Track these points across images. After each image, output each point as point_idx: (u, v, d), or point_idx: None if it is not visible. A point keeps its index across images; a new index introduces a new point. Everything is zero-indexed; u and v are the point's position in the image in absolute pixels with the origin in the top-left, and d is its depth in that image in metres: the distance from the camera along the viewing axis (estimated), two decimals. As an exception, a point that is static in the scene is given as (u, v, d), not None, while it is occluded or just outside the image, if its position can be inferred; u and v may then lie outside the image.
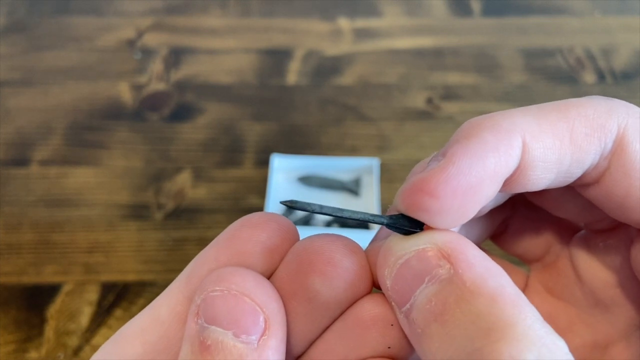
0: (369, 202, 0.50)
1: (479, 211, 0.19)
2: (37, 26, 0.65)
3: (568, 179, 0.17)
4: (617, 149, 0.16)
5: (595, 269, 0.20)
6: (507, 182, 0.16)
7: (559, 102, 0.17)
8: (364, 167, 0.51)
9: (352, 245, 0.17)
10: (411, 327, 0.15)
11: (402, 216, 0.16)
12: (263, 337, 0.15)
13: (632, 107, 0.17)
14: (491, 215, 0.21)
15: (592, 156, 0.16)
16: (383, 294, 0.17)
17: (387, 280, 0.16)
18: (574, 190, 0.18)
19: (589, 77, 0.61)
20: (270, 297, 0.16)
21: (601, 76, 0.61)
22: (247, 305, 0.15)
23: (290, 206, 0.16)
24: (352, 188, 0.51)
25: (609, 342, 0.20)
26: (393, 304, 0.16)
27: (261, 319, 0.15)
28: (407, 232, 0.16)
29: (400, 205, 0.16)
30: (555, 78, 0.61)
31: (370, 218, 0.17)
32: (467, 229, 0.21)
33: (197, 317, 0.15)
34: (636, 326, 0.19)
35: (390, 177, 0.52)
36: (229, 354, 0.15)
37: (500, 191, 0.17)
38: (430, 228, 0.16)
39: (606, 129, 0.16)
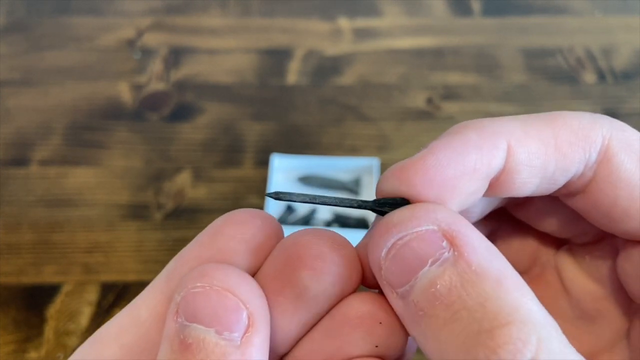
0: (369, 202, 0.50)
1: (466, 218, 0.20)
2: (37, 26, 0.65)
3: (553, 186, 0.17)
4: (603, 160, 0.17)
5: (582, 281, 0.20)
6: (493, 185, 0.17)
7: (545, 113, 0.17)
8: (364, 167, 0.51)
9: (341, 239, 0.17)
10: (409, 309, 0.15)
11: (389, 199, 0.16)
12: (246, 335, 0.15)
13: (616, 121, 0.17)
14: (477, 226, 0.21)
15: (576, 165, 0.17)
16: (371, 293, 0.17)
17: (383, 261, 0.15)
18: (557, 204, 0.19)
19: (589, 77, 0.61)
20: (254, 293, 0.15)
21: (601, 76, 0.61)
22: (229, 301, 0.15)
23: (275, 198, 0.16)
24: (352, 188, 0.51)
25: (594, 353, 0.20)
26: (386, 283, 0.16)
27: (244, 315, 0.15)
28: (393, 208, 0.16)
29: (379, 192, 0.17)
30: (556, 78, 0.61)
31: (355, 203, 0.17)
32: None
33: (177, 316, 0.15)
34: (620, 337, 0.20)
35: (390, 177, 0.52)
36: (211, 353, 0.14)
37: (487, 195, 0.17)
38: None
39: (590, 140, 0.17)
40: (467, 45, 0.64)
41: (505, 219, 0.22)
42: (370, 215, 0.49)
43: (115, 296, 0.45)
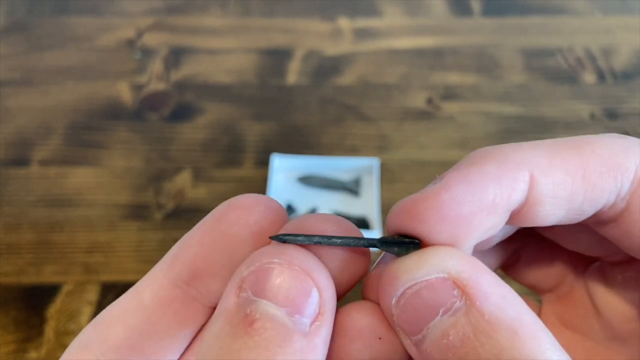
0: (368, 202, 0.50)
1: (487, 242, 0.18)
2: (36, 26, 0.65)
3: (580, 217, 0.16)
4: (637, 189, 0.15)
5: (613, 302, 0.19)
6: (514, 216, 0.16)
7: (573, 138, 0.16)
8: (364, 167, 0.51)
9: (347, 224, 0.16)
10: (423, 357, 0.14)
11: (397, 237, 0.16)
12: (315, 323, 0.14)
13: None
14: (501, 246, 0.21)
15: (606, 195, 0.16)
16: (372, 303, 0.16)
17: (394, 309, 0.15)
18: (587, 225, 0.18)
19: (589, 77, 0.61)
20: (329, 283, 0.15)
21: (601, 76, 0.61)
22: (307, 284, 0.14)
23: (281, 241, 0.15)
24: (352, 188, 0.51)
25: None
26: (399, 330, 0.15)
27: (317, 302, 0.14)
28: (402, 251, 0.15)
29: (389, 226, 0.16)
30: (556, 78, 0.61)
31: (362, 242, 0.16)
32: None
33: (241, 290, 0.14)
34: None
35: (390, 177, 0.52)
36: (277, 334, 0.13)
37: (508, 224, 0.16)
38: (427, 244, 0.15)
39: (623, 168, 0.15)
40: (467, 45, 0.64)
41: (531, 236, 0.21)
42: (372, 217, 0.49)
43: (115, 296, 0.44)
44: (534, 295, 0.23)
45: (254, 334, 0.13)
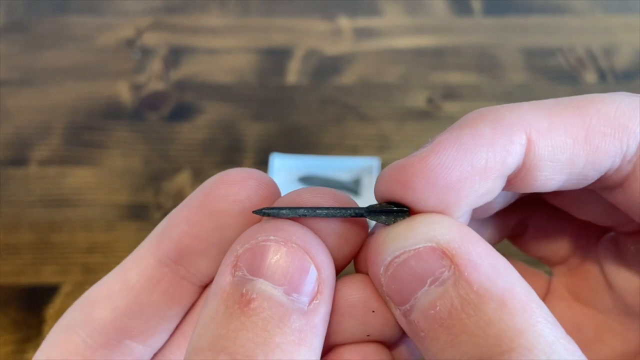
0: (369, 202, 0.50)
1: (486, 209, 0.18)
2: (36, 25, 0.65)
3: (583, 182, 0.15)
4: None
5: (626, 275, 0.18)
6: (512, 182, 0.15)
7: (577, 97, 0.15)
8: (364, 167, 0.51)
9: (343, 197, 0.16)
10: (411, 327, 0.14)
11: (385, 205, 0.15)
12: (314, 302, 0.13)
13: None
14: (504, 214, 0.20)
15: (610, 158, 0.15)
16: (365, 276, 0.16)
17: (382, 278, 0.14)
18: (596, 192, 0.17)
19: (590, 77, 0.61)
20: (328, 261, 0.14)
21: (602, 76, 0.61)
22: (305, 262, 0.13)
23: (263, 215, 0.15)
24: (352, 188, 0.51)
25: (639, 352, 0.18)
26: (388, 299, 0.14)
27: (316, 280, 0.13)
28: (390, 219, 0.15)
29: (377, 193, 0.15)
30: (557, 78, 0.61)
31: (349, 212, 0.15)
32: (476, 229, 0.19)
33: (236, 269, 0.13)
34: None
35: (390, 177, 0.51)
36: (275, 314, 0.13)
37: (506, 189, 0.15)
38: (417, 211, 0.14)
39: (629, 130, 0.14)
40: (467, 45, 0.64)
41: (539, 205, 0.20)
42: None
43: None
44: (544, 267, 0.22)
45: (250, 314, 0.13)
